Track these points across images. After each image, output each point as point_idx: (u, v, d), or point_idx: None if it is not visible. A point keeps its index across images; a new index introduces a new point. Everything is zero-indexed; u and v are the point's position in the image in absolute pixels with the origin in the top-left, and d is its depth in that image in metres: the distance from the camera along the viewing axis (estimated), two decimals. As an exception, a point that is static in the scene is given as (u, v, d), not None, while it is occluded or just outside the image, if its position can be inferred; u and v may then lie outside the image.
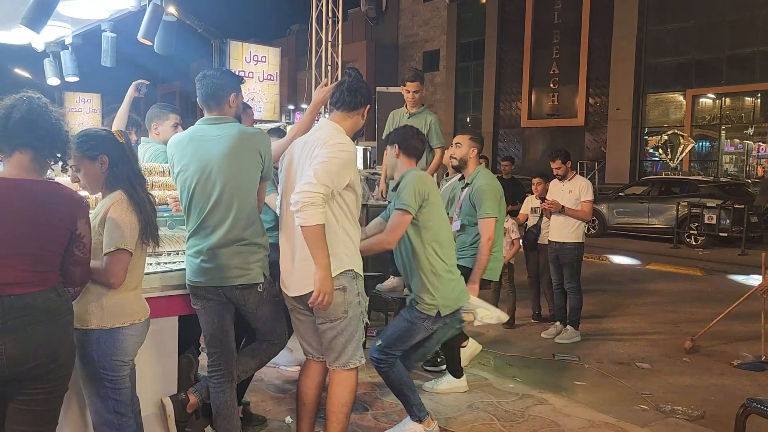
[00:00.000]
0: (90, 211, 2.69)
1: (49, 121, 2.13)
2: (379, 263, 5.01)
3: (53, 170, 2.33)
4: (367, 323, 3.05)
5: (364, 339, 3.07)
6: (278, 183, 3.25)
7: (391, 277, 4.36)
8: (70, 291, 2.24)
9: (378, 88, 10.10)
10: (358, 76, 3.08)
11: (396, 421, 3.73)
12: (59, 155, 2.19)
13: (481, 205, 4.12)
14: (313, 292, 2.72)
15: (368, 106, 3.06)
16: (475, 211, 4.17)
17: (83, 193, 2.87)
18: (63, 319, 2.14)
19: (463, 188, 4.35)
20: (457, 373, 4.30)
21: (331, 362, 2.99)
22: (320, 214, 2.65)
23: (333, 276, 2.77)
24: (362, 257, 3.12)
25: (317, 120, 3.41)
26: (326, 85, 3.33)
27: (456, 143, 4.34)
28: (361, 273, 2.99)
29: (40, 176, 2.16)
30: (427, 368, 4.70)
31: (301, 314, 3.04)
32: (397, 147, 3.54)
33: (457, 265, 3.98)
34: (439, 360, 4.67)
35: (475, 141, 4.32)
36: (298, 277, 2.91)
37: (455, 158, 4.33)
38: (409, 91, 5.06)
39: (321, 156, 2.75)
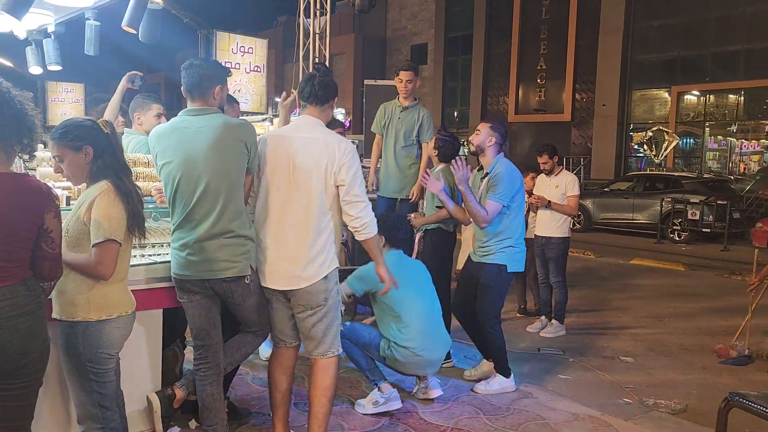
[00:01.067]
0: (72, 202, 2.66)
1: (13, 107, 2.07)
2: (364, 258, 5.02)
3: (23, 159, 2.28)
4: (342, 309, 3.23)
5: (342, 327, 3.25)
6: None
7: None
8: (43, 285, 2.20)
9: (366, 81, 10.09)
10: (327, 71, 3.22)
11: (380, 414, 3.75)
12: (26, 142, 2.13)
13: (495, 189, 4.08)
14: (300, 289, 2.95)
15: (336, 98, 3.20)
16: None
17: (66, 183, 2.83)
18: (34, 314, 2.10)
19: (482, 179, 4.27)
20: (506, 372, 4.25)
21: (311, 351, 3.06)
22: (375, 223, 3.05)
23: (326, 273, 2.99)
24: (351, 251, 3.25)
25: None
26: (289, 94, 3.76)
27: (477, 130, 4.28)
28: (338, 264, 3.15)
29: (6, 167, 2.10)
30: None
31: (278, 302, 3.08)
32: (384, 239, 3.87)
33: (480, 262, 4.25)
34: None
35: (494, 130, 4.20)
36: (286, 272, 2.97)
37: (473, 144, 4.28)
38: (402, 81, 5.04)
39: (351, 171, 2.98)
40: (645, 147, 19.77)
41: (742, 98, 19.72)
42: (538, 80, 23.96)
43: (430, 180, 4.33)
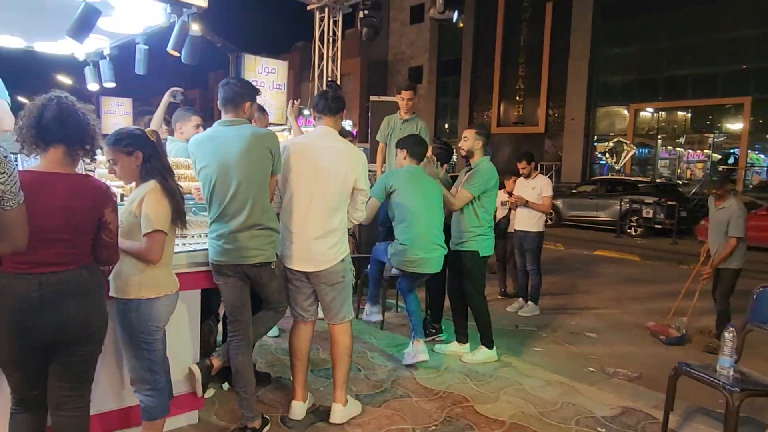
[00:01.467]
0: (125, 198, 2.66)
1: (77, 117, 2.07)
2: (370, 248, 5.02)
3: (84, 162, 2.28)
4: (353, 284, 3.34)
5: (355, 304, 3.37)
6: None
7: None
8: (102, 269, 2.21)
9: (371, 98, 10.01)
10: (337, 87, 3.28)
11: (383, 379, 3.77)
12: (88, 147, 2.13)
13: (471, 180, 4.13)
14: (323, 270, 3.05)
15: (344, 110, 3.25)
16: None
17: (118, 182, 2.83)
18: (94, 293, 2.11)
19: (466, 173, 4.29)
20: (489, 345, 4.27)
21: (330, 319, 3.15)
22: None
23: (342, 257, 3.09)
24: (358, 241, 3.32)
25: (309, 124, 3.62)
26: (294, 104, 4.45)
27: (464, 137, 4.28)
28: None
29: (72, 169, 2.10)
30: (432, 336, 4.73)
31: (300, 282, 3.10)
32: (405, 151, 4.00)
33: (454, 250, 4.22)
34: (428, 332, 4.69)
35: (480, 134, 4.24)
36: (310, 257, 3.03)
37: (463, 149, 4.28)
38: (403, 99, 5.05)
39: (367, 179, 3.13)
40: (607, 156, 19.77)
41: (689, 115, 19.72)
42: (517, 98, 23.95)
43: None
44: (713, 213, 5.01)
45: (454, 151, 11.01)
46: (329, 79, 11.02)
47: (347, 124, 16.13)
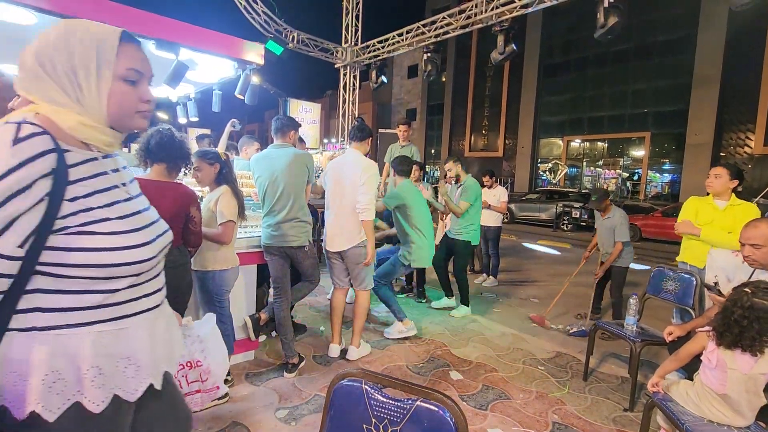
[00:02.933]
0: (204, 199, 2.64)
1: (176, 142, 2.09)
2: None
3: (186, 174, 2.29)
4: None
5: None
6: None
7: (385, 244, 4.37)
8: (189, 250, 2.21)
9: (380, 130, 10.03)
10: (363, 121, 3.23)
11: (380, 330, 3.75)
12: (182, 164, 2.15)
13: (466, 194, 4.23)
14: (348, 249, 2.99)
15: (371, 138, 3.15)
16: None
17: (199, 188, 2.82)
18: (183, 266, 2.12)
19: (459, 188, 4.37)
20: (467, 304, 4.28)
21: (357, 286, 3.12)
22: (373, 212, 2.93)
23: (359, 241, 2.98)
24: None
25: (342, 148, 3.55)
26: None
27: (448, 168, 4.37)
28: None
29: (171, 179, 2.12)
30: (420, 300, 4.69)
31: (336, 260, 3.11)
32: (392, 170, 3.76)
33: (452, 238, 4.22)
34: (424, 298, 4.67)
35: (458, 161, 4.39)
36: (339, 241, 3.02)
37: (452, 178, 4.38)
38: (402, 131, 5.06)
39: (365, 179, 2.90)
40: (547, 173, 19.65)
41: (606, 144, 19.58)
42: (483, 131, 23.85)
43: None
44: (600, 222, 4.53)
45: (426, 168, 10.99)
46: (356, 116, 11.01)
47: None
